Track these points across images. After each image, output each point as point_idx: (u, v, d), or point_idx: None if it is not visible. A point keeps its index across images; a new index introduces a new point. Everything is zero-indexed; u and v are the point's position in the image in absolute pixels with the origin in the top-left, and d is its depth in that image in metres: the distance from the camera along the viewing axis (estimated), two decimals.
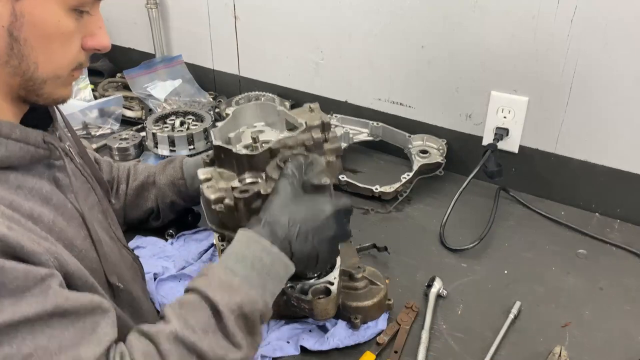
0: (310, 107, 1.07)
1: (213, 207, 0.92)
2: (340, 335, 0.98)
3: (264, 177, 0.93)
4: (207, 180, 0.97)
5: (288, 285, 0.97)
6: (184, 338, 0.68)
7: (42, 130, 0.76)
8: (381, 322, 1.02)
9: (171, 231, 1.26)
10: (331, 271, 0.99)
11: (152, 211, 1.20)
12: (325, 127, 1.02)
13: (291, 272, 0.82)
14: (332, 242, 0.88)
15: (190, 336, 0.69)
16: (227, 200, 0.91)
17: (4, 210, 0.66)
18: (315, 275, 1.03)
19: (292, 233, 0.81)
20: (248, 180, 0.94)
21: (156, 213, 1.20)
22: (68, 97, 0.79)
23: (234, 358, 0.71)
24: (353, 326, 1.00)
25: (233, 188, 0.91)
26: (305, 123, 1.00)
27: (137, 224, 1.22)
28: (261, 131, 1.07)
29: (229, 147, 0.95)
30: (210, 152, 1.02)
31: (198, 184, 0.98)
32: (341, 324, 1.01)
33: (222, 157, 0.97)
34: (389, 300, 1.04)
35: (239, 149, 0.96)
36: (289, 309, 0.99)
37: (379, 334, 1.00)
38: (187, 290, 0.75)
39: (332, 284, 0.96)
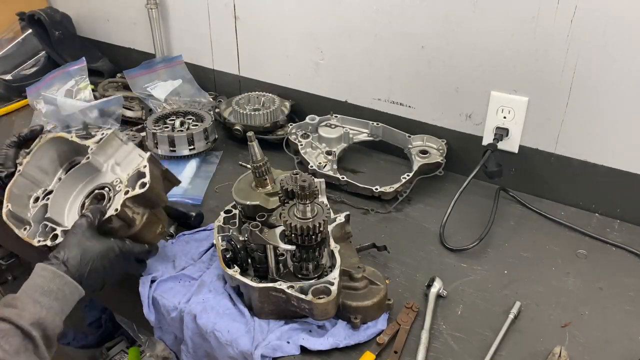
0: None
1: None
2: (340, 335, 0.98)
3: None
4: None
5: (288, 285, 0.97)
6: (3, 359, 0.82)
7: None
8: (381, 322, 1.02)
9: (171, 231, 1.26)
10: (331, 271, 1.00)
11: None
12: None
13: (82, 295, 0.97)
14: (118, 273, 1.06)
15: (7, 357, 0.82)
16: None
17: None
18: (315, 275, 1.03)
19: (84, 270, 0.97)
20: None
21: None
22: None
23: None
24: (353, 326, 1.00)
25: None
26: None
27: None
28: None
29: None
30: None
31: None
32: (341, 323, 1.01)
33: None
34: (389, 300, 1.04)
35: None
36: (288, 309, 0.99)
37: (379, 334, 1.00)
38: None
39: (332, 284, 0.96)
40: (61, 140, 1.21)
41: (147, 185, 1.04)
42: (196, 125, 1.57)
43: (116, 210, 1.03)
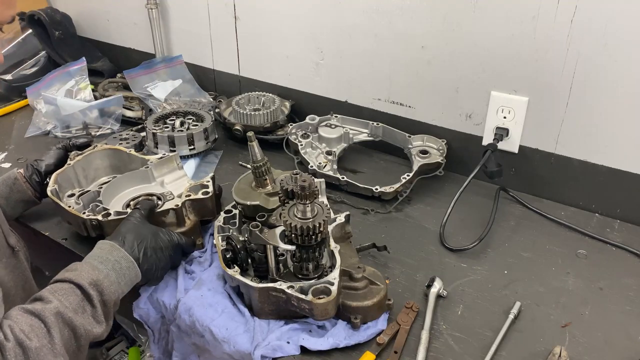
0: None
1: None
2: (340, 335, 0.98)
3: None
4: None
5: (288, 285, 0.97)
6: (64, 314, 0.85)
7: None
8: (381, 322, 1.02)
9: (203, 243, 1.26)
10: (331, 271, 1.00)
11: None
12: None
13: (139, 278, 1.02)
14: (167, 261, 1.09)
15: (68, 313, 0.85)
16: None
17: None
18: (315, 275, 1.03)
19: (139, 250, 1.02)
20: None
21: None
22: None
23: (97, 332, 0.90)
24: (353, 326, 1.00)
25: None
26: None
27: None
28: None
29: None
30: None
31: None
32: (341, 323, 1.01)
33: None
34: (389, 300, 1.04)
35: None
36: (288, 309, 0.99)
37: (379, 334, 1.00)
38: (57, 281, 0.91)
39: (332, 284, 0.96)
40: (115, 151, 1.37)
41: (209, 194, 1.17)
42: (196, 125, 1.57)
43: (177, 205, 1.14)
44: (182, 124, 1.58)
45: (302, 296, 0.95)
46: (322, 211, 1.00)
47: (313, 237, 0.99)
